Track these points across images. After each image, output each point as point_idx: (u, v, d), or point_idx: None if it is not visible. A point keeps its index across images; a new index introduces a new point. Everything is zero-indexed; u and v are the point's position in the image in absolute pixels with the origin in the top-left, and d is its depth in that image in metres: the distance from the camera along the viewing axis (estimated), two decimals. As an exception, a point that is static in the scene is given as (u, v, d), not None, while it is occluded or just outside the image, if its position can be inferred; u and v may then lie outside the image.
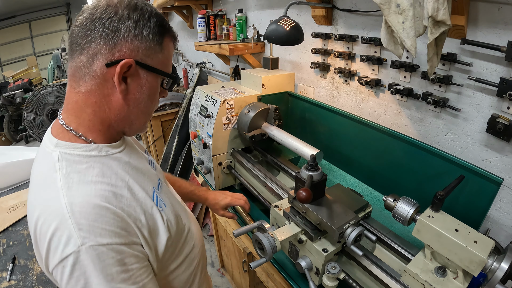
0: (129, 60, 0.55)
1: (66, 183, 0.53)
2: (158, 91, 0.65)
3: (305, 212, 0.86)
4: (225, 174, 1.49)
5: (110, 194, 0.55)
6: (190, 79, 3.34)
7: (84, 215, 0.51)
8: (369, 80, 1.27)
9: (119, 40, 0.54)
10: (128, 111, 0.61)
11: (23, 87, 4.91)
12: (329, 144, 1.27)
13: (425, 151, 0.91)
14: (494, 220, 0.99)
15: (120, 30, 0.54)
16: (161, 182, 0.75)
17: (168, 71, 0.64)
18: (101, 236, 0.51)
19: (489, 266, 0.62)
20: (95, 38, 0.54)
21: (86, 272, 0.50)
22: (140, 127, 0.67)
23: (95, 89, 0.57)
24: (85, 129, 0.59)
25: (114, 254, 0.52)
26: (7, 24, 7.28)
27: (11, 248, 1.28)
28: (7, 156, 1.82)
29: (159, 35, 0.59)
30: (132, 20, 0.55)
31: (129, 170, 0.63)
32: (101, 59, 0.55)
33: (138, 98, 0.60)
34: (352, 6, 1.29)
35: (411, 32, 0.74)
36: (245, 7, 2.09)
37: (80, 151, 0.57)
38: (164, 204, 0.68)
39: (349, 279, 0.82)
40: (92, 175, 0.56)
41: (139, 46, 0.56)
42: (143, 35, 0.56)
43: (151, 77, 0.60)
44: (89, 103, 0.58)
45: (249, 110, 1.29)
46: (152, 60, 0.59)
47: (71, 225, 0.50)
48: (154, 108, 0.67)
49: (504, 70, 0.87)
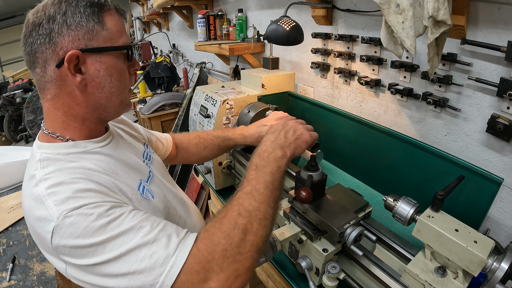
0: (73, 51, 0.55)
1: (44, 174, 0.55)
2: (123, 68, 0.64)
3: (305, 212, 0.86)
4: (225, 174, 1.49)
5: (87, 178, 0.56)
6: (190, 79, 3.34)
7: (58, 193, 0.52)
8: (369, 80, 1.27)
9: (56, 39, 0.55)
10: (96, 98, 0.61)
11: (23, 87, 4.91)
12: (329, 144, 1.27)
13: (425, 151, 0.91)
14: (494, 220, 0.99)
15: (53, 30, 0.55)
16: (152, 174, 0.75)
17: (120, 44, 0.62)
18: (76, 201, 0.52)
19: (489, 266, 0.62)
20: (38, 47, 0.56)
21: (77, 237, 0.50)
22: (117, 109, 0.66)
23: (58, 92, 0.59)
24: (60, 130, 0.62)
25: (93, 211, 0.51)
26: (7, 24, 7.28)
27: (11, 248, 1.28)
28: (7, 156, 1.82)
29: (94, 15, 0.58)
30: (60, 14, 0.55)
31: (110, 163, 0.64)
32: (51, 63, 0.57)
33: (100, 82, 0.60)
34: (352, 6, 1.29)
35: (411, 32, 0.74)
36: (245, 7, 2.09)
37: (59, 149, 0.60)
38: (152, 196, 0.69)
39: (349, 279, 0.82)
40: (70, 168, 0.58)
41: (77, 34, 0.56)
42: (76, 23, 0.56)
43: (104, 58, 0.60)
44: (58, 106, 0.61)
45: (249, 110, 1.29)
46: (98, 40, 0.58)
47: (49, 204, 0.51)
48: (126, 86, 0.66)
49: (504, 70, 0.87)
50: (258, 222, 0.55)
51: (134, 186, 0.65)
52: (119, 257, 0.50)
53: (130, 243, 0.51)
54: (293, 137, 0.70)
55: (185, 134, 1.08)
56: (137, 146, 0.79)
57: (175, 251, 0.51)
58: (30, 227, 0.57)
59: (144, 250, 0.51)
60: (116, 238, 0.51)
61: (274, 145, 0.67)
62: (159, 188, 0.74)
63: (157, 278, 0.50)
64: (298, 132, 0.72)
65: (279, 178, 0.63)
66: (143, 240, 0.51)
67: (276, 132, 0.71)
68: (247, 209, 0.56)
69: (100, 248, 0.50)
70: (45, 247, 0.55)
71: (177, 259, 0.51)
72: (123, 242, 0.51)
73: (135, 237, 0.51)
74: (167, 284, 0.50)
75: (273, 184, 0.61)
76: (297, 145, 0.70)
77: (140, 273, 0.50)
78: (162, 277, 0.50)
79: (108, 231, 0.51)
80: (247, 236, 0.53)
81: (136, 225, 0.52)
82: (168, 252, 0.51)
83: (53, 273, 1.16)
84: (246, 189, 0.59)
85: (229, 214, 0.56)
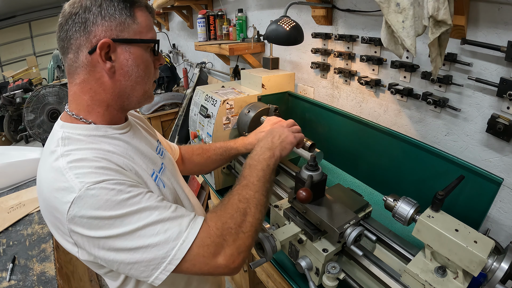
0: (105, 40, 0.59)
1: (66, 151, 0.58)
2: (149, 60, 0.67)
3: (305, 212, 0.86)
4: (225, 174, 1.49)
5: (107, 158, 0.60)
6: (190, 79, 3.34)
7: (80, 167, 0.55)
8: (369, 80, 1.27)
9: (91, 28, 0.60)
10: (121, 86, 0.65)
11: (23, 87, 4.90)
12: (329, 144, 1.27)
13: (425, 151, 0.91)
14: (494, 220, 0.99)
15: (89, 19, 0.59)
16: (164, 167, 0.79)
17: (149, 37, 0.66)
18: (98, 176, 0.54)
19: (489, 266, 0.62)
20: (73, 34, 0.60)
21: (97, 209, 0.53)
22: (140, 98, 0.69)
23: (87, 77, 0.63)
24: (84, 113, 0.65)
25: (114, 186, 0.55)
26: (7, 24, 7.27)
27: (11, 248, 1.28)
28: (7, 156, 1.82)
29: (126, 9, 0.62)
30: (96, 6, 0.59)
31: (128, 149, 0.68)
32: (84, 49, 0.61)
33: (127, 71, 0.64)
34: (352, 6, 1.29)
35: (411, 31, 0.74)
36: (245, 7, 2.10)
37: (80, 130, 0.63)
38: (163, 185, 0.73)
39: (349, 279, 0.82)
40: (91, 148, 0.61)
41: (110, 25, 0.60)
42: (110, 15, 0.60)
43: (133, 48, 0.64)
44: (85, 90, 0.64)
45: (249, 110, 1.29)
46: (128, 33, 0.63)
47: (70, 176, 0.54)
48: (151, 77, 0.69)
49: (504, 70, 0.87)
50: (255, 206, 0.66)
51: (149, 172, 0.69)
52: (135, 231, 0.54)
53: (146, 219, 0.55)
54: (278, 140, 0.83)
55: (188, 146, 1.13)
56: (152, 140, 0.82)
57: (187, 228, 0.58)
58: (43, 202, 0.58)
59: (159, 226, 0.56)
60: (134, 214, 0.55)
61: (263, 149, 0.80)
62: (169, 181, 0.78)
63: (169, 252, 0.55)
64: (283, 136, 0.85)
65: (269, 173, 0.75)
66: (158, 218, 0.56)
67: (264, 139, 0.84)
68: (245, 197, 0.67)
69: (118, 222, 0.54)
70: (56, 220, 0.56)
71: (189, 234, 0.57)
72: (139, 218, 0.55)
73: (151, 215, 0.56)
74: (178, 257, 0.56)
75: (265, 177, 0.72)
76: (283, 146, 0.83)
77: (153, 247, 0.55)
78: (174, 250, 0.56)
79: (127, 207, 0.54)
80: (247, 218, 0.64)
81: (152, 205, 0.57)
82: (181, 228, 0.57)
83: (53, 273, 1.15)
84: (243, 183, 0.70)
85: (231, 200, 0.66)
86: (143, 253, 0.55)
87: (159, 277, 0.56)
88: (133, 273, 0.57)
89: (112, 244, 0.54)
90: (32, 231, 1.39)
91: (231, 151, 1.05)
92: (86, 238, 0.55)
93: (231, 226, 0.61)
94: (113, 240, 0.54)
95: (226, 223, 0.61)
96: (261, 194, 0.69)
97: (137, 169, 0.65)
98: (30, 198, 1.63)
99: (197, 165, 1.09)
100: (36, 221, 1.47)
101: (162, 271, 0.56)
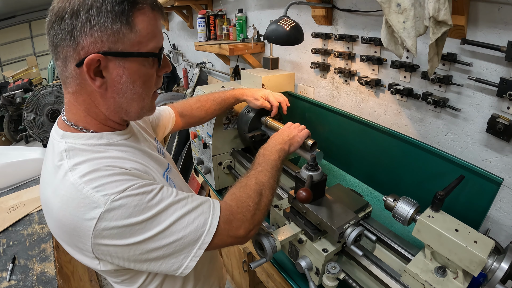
0: (94, 55, 0.51)
1: (73, 164, 0.54)
2: (149, 74, 0.59)
3: (305, 212, 0.86)
4: (225, 174, 1.49)
5: (118, 165, 0.57)
6: (190, 79, 3.34)
7: (95, 180, 0.52)
8: (369, 80, 1.27)
9: (78, 38, 0.51)
10: (116, 102, 0.58)
11: (23, 87, 4.90)
12: (329, 144, 1.27)
13: (425, 151, 0.91)
14: (494, 220, 0.99)
15: (75, 27, 0.50)
16: (170, 167, 0.80)
17: (150, 48, 0.57)
18: (118, 185, 0.53)
19: (489, 266, 0.62)
20: (59, 42, 0.52)
21: (128, 217, 0.52)
22: (138, 113, 0.63)
23: (79, 89, 0.57)
24: (83, 123, 0.61)
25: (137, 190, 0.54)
26: (7, 24, 7.27)
27: (11, 248, 1.28)
28: (7, 156, 1.82)
29: (123, 15, 0.51)
30: (85, 10, 0.49)
31: (136, 153, 0.66)
32: (71, 60, 0.53)
33: (121, 88, 0.57)
34: (352, 6, 1.29)
35: (412, 32, 0.74)
36: (245, 7, 2.09)
37: (84, 140, 0.59)
38: (174, 185, 0.74)
39: (349, 279, 0.82)
40: (100, 158, 0.57)
41: (100, 36, 0.51)
42: (100, 24, 0.50)
43: (128, 63, 0.55)
44: (79, 102, 0.58)
45: (249, 110, 1.29)
46: (123, 44, 0.53)
47: (88, 191, 0.51)
48: (150, 91, 0.62)
49: (504, 70, 0.87)
50: (269, 189, 0.75)
51: (160, 173, 0.70)
52: (166, 228, 0.55)
53: (174, 214, 0.57)
54: (288, 137, 0.95)
55: (185, 101, 1.14)
56: (152, 141, 0.82)
57: (210, 212, 0.62)
58: (56, 222, 0.54)
59: (187, 218, 0.58)
60: (162, 212, 0.56)
61: (275, 142, 0.91)
62: (175, 180, 0.79)
63: (199, 238, 0.59)
64: (292, 135, 0.96)
65: (280, 163, 0.85)
66: (183, 211, 0.58)
67: (276, 136, 0.95)
68: (261, 180, 0.75)
69: (149, 224, 0.54)
70: (73, 238, 0.53)
71: (213, 218, 0.62)
72: (167, 215, 0.56)
73: (177, 210, 0.57)
74: (206, 241, 0.60)
75: (276, 166, 0.82)
76: (291, 143, 0.94)
77: (185, 238, 0.57)
78: (203, 236, 0.59)
79: (154, 207, 0.55)
80: (262, 198, 0.73)
81: (174, 199, 0.58)
82: (205, 214, 0.61)
83: (53, 273, 1.16)
84: (258, 169, 0.79)
85: (249, 182, 0.74)
86: (175, 247, 0.57)
87: (189, 265, 0.59)
88: (163, 268, 0.58)
89: (145, 246, 0.54)
90: (32, 231, 1.39)
91: (229, 100, 1.16)
92: (117, 247, 0.53)
93: (250, 204, 0.69)
94: (146, 242, 0.54)
95: (245, 202, 0.69)
96: (273, 180, 0.78)
97: (149, 171, 0.65)
98: (30, 198, 1.63)
99: (196, 118, 1.14)
100: (36, 221, 1.47)
101: (193, 257, 0.59)
